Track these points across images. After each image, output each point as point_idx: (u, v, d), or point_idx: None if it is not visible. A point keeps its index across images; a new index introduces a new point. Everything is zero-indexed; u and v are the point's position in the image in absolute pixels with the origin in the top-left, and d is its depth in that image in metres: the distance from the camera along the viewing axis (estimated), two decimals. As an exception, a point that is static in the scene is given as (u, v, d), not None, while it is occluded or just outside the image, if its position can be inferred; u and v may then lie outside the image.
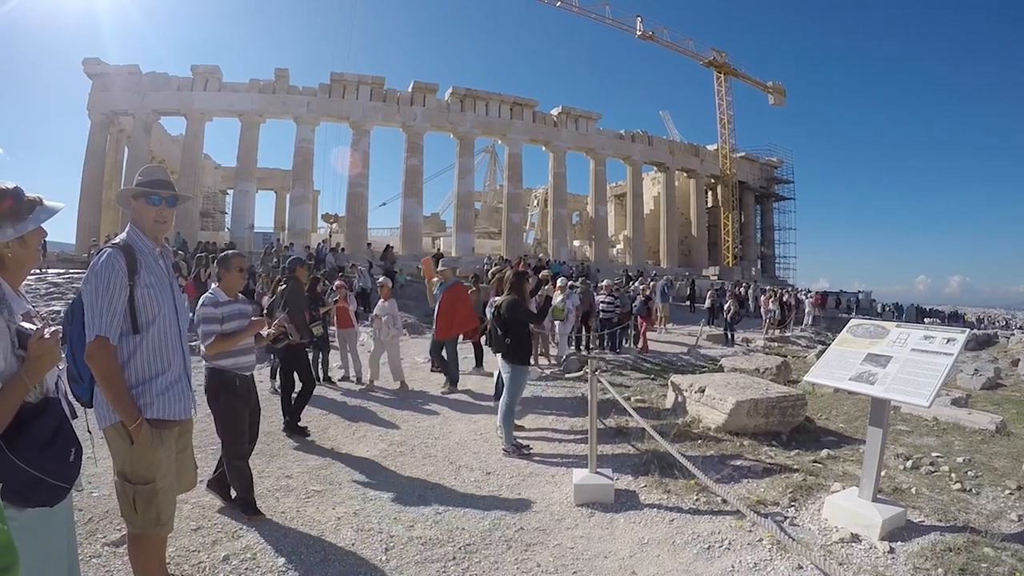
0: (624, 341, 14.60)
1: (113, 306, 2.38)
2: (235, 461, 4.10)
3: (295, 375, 6.54)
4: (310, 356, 8.03)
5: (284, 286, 6.93)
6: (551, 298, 9.96)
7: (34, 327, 1.86)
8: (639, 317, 15.12)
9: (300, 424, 6.37)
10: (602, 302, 13.80)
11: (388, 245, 26.75)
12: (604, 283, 14.94)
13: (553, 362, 11.39)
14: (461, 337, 9.46)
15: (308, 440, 6.08)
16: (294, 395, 6.42)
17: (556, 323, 11.38)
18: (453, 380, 8.69)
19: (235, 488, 4.14)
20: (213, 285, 4.24)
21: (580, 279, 14.92)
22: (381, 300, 9.10)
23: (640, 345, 14.73)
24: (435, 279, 9.69)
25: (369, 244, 30.18)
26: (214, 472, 4.38)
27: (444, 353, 9.01)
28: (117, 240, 2.52)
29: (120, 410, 2.39)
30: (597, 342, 13.42)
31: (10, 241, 1.88)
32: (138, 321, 2.46)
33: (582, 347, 13.10)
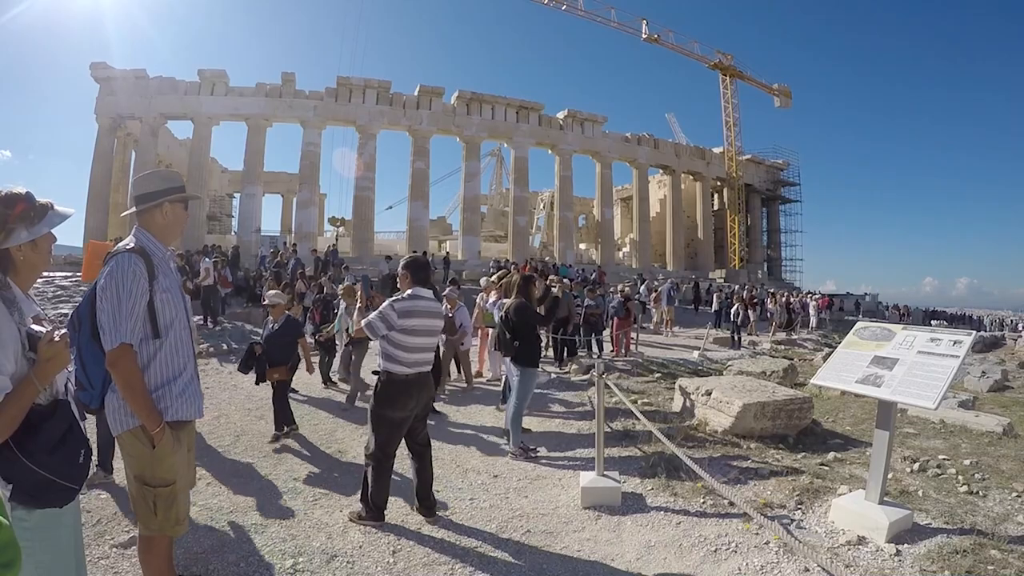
0: (596, 345, 13.50)
1: (135, 312, 2.38)
2: None
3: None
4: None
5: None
6: (559, 298, 9.90)
7: (44, 330, 1.88)
8: (616, 319, 14.01)
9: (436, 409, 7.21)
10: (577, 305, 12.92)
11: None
12: (558, 285, 12.83)
13: (484, 380, 9.93)
14: None
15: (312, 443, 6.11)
16: None
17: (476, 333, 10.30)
18: None
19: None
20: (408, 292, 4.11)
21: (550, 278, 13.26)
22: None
23: (616, 350, 13.62)
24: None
25: (415, 251, 29.68)
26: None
27: None
28: (130, 244, 2.50)
29: (144, 416, 2.39)
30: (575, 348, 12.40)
31: (22, 244, 1.91)
32: (158, 326, 2.47)
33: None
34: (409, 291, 4.10)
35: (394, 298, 4.09)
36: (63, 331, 1.91)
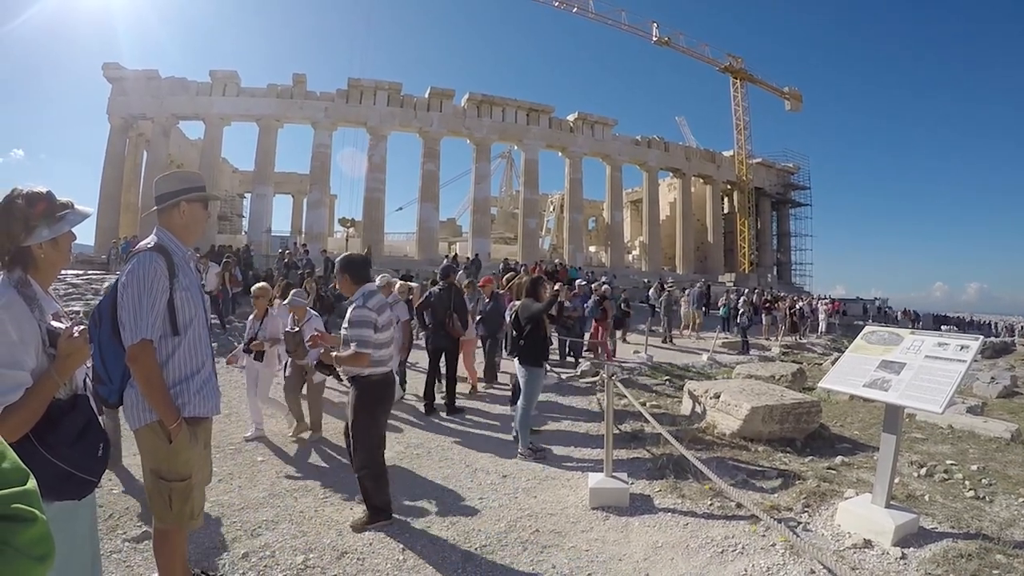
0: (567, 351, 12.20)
1: (156, 309, 2.44)
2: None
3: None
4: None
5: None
6: (563, 303, 9.87)
7: (63, 326, 1.93)
8: (594, 320, 13.29)
9: (456, 406, 7.68)
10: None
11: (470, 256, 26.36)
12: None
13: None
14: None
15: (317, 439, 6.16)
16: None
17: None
18: None
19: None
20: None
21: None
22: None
23: (601, 353, 12.78)
24: None
25: (448, 256, 29.45)
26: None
27: None
28: (151, 243, 2.57)
29: (162, 411, 2.45)
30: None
31: (43, 243, 1.95)
32: (178, 323, 2.53)
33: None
34: (362, 289, 3.97)
35: (358, 303, 3.92)
36: (82, 327, 1.96)
